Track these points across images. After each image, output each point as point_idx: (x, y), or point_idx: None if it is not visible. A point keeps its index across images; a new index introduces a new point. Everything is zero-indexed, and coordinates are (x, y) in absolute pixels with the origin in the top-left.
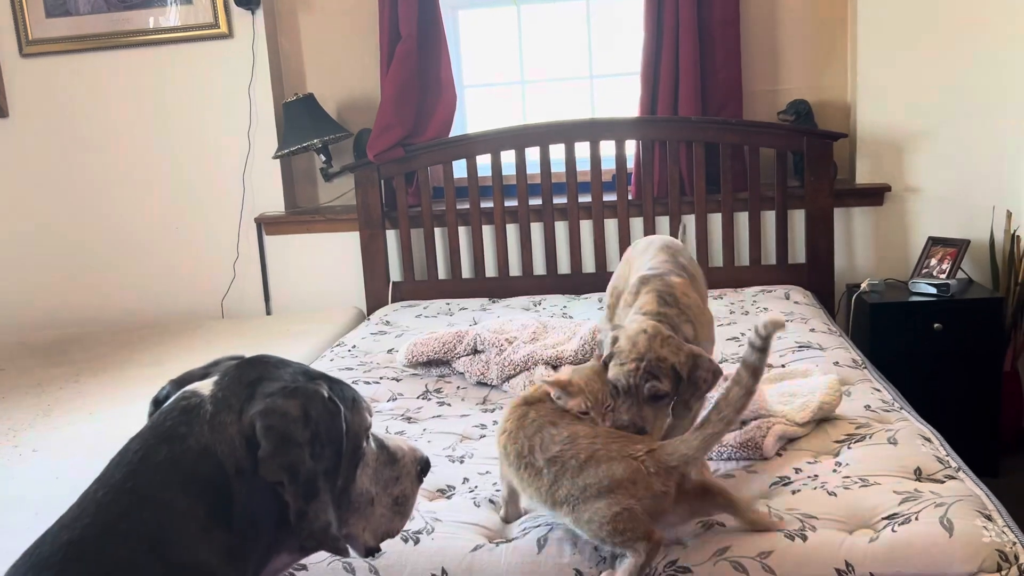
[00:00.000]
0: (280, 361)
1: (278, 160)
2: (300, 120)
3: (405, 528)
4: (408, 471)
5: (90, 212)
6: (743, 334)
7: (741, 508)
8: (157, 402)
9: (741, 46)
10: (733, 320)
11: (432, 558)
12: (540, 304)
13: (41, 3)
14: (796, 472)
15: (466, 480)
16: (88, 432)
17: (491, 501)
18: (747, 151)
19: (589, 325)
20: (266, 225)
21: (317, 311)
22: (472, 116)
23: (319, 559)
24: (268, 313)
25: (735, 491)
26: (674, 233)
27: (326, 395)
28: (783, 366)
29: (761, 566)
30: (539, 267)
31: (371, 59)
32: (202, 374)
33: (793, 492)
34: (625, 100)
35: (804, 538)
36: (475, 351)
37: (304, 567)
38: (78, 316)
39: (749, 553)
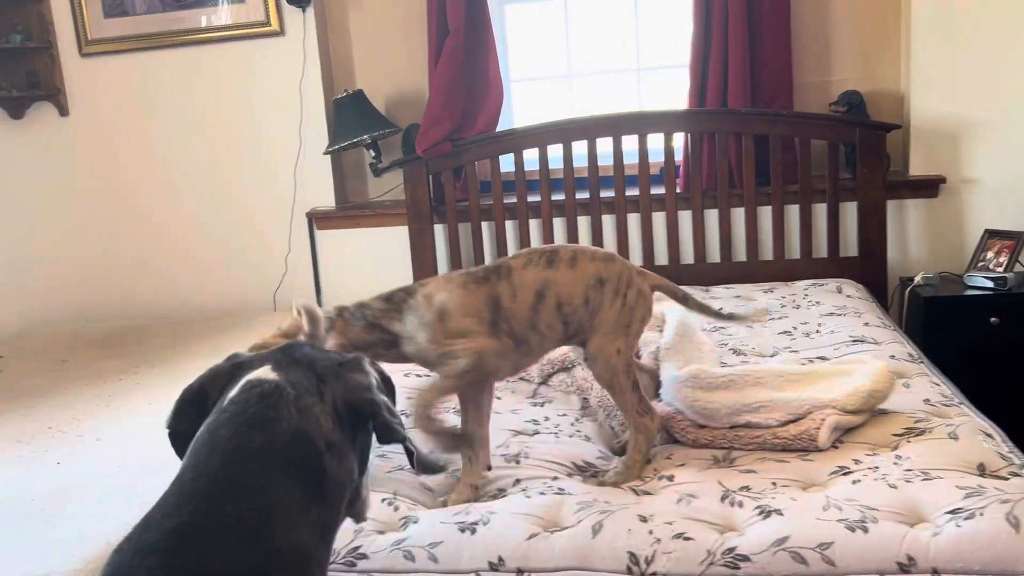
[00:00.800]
0: (306, 344)
1: (328, 156)
2: (350, 116)
3: (462, 520)
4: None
5: (146, 206)
6: (795, 328)
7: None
8: (189, 400)
9: (792, 36)
10: (784, 314)
11: (488, 546)
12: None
13: (100, 4)
14: (855, 463)
15: (518, 481)
16: (148, 422)
17: (541, 494)
18: (798, 143)
19: None
20: (317, 220)
21: None
22: (519, 110)
23: (381, 548)
24: (319, 306)
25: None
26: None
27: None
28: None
29: (821, 557)
30: None
31: (419, 54)
32: (232, 367)
33: (853, 483)
34: (673, 92)
35: (865, 530)
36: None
37: (365, 556)
38: (135, 309)
39: (808, 544)
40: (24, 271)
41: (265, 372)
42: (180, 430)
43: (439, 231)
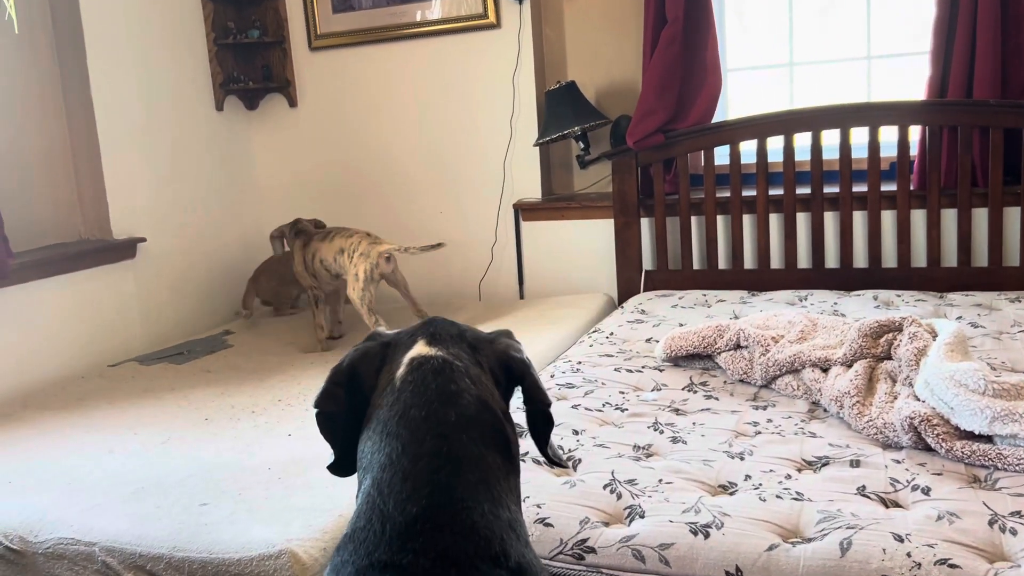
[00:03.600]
0: (443, 319)
1: (537, 148)
2: (561, 107)
3: (692, 520)
4: None
5: (365, 195)
6: None
7: None
8: (340, 381)
9: None
10: None
11: (725, 555)
12: (806, 300)
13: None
14: None
15: (748, 477)
16: None
17: (778, 497)
18: None
19: (859, 324)
20: (523, 211)
21: (568, 296)
22: (736, 101)
23: (609, 543)
24: (521, 297)
25: None
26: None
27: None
28: None
29: None
30: (803, 260)
31: (630, 45)
32: (381, 346)
33: None
34: (908, 82)
35: None
36: (737, 346)
37: (593, 550)
38: None
39: None
40: (253, 252)
41: (424, 348)
42: (329, 411)
43: (645, 225)
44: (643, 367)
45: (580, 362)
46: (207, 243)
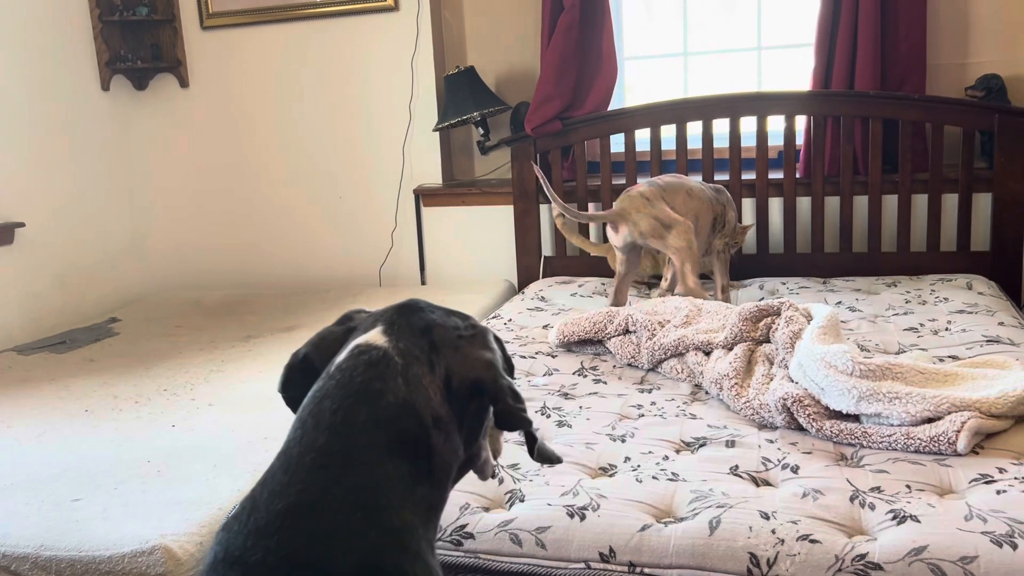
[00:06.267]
0: (429, 305)
1: (437, 133)
2: (460, 92)
3: (570, 503)
4: None
5: (260, 178)
6: (922, 325)
7: None
8: (295, 367)
9: (927, 15)
10: (910, 310)
11: (599, 536)
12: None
13: None
14: (1000, 472)
15: (628, 459)
16: (259, 389)
17: (654, 478)
18: (929, 129)
19: (739, 309)
20: (424, 196)
21: (470, 282)
22: (631, 90)
23: (487, 528)
24: (423, 283)
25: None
26: None
27: (494, 336)
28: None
29: (963, 572)
30: None
31: (531, 31)
32: (343, 331)
33: (998, 492)
34: (796, 73)
35: (1014, 545)
36: (626, 331)
37: (471, 536)
38: (246, 279)
39: (949, 556)
40: (143, 237)
41: (375, 337)
42: (293, 396)
43: (544, 211)
44: (537, 353)
45: None
46: (93, 229)
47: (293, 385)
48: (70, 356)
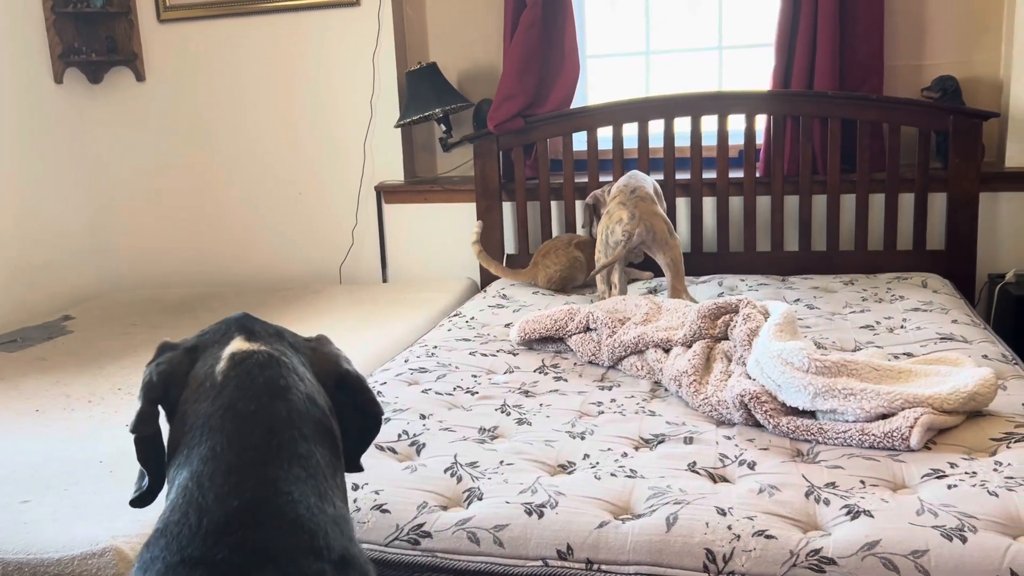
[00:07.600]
0: (251, 316)
1: (399, 129)
2: (422, 89)
3: (528, 500)
4: None
5: (217, 175)
6: (878, 323)
7: None
8: (154, 400)
9: (885, 16)
10: (867, 308)
11: (557, 533)
12: (656, 290)
13: None
14: (951, 467)
15: (587, 456)
16: None
17: (612, 475)
18: (887, 129)
19: (698, 306)
20: (385, 193)
21: (432, 280)
22: (594, 88)
23: (445, 527)
24: (384, 280)
25: (879, 476)
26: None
27: None
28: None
29: (914, 566)
30: None
31: (493, 28)
32: (185, 351)
33: (949, 487)
34: (756, 73)
35: (963, 539)
36: (587, 329)
37: (429, 535)
38: (203, 276)
39: (901, 550)
40: (99, 234)
41: (244, 344)
42: (149, 433)
43: (507, 209)
44: (498, 351)
45: (436, 346)
46: (46, 225)
47: (152, 421)
48: (21, 355)
